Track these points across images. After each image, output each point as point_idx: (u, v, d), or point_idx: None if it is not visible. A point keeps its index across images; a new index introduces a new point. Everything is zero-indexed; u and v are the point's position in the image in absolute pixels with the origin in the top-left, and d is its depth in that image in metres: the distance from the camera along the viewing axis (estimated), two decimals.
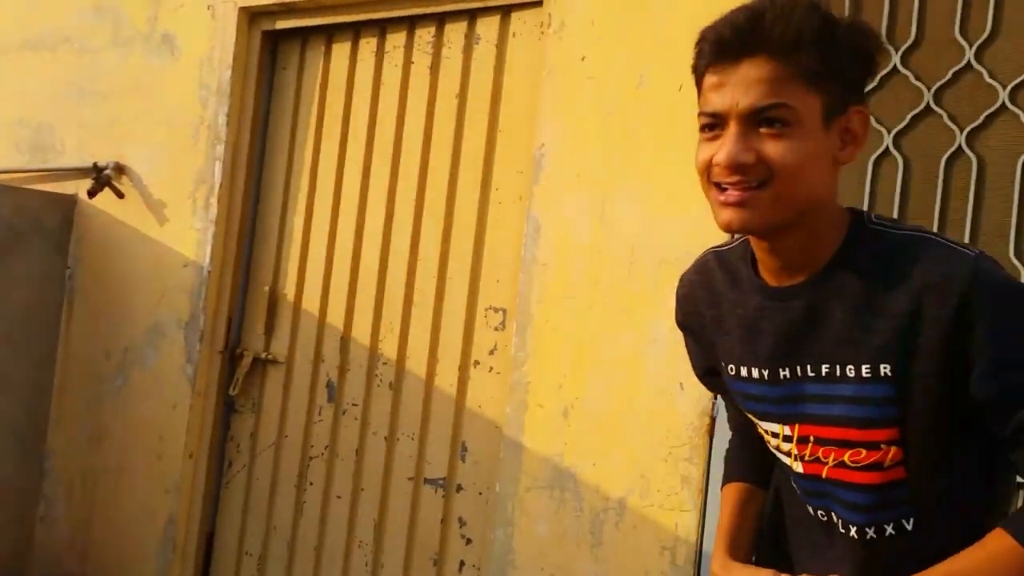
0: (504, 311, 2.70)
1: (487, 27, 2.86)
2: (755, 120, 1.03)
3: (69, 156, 3.62)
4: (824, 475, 1.11)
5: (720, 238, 2.20)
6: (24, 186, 3.61)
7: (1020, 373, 1.02)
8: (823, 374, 1.09)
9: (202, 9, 3.35)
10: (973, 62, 1.93)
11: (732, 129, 1.04)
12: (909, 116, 1.99)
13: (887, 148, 2.02)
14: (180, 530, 3.24)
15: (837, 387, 1.08)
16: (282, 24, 3.27)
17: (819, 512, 1.17)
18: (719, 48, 1.05)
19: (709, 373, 1.32)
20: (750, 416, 1.23)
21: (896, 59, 2.02)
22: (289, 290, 3.25)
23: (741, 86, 1.03)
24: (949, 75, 1.95)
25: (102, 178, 3.40)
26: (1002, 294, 1.02)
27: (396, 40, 3.09)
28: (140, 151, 3.45)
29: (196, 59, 3.35)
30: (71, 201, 3.57)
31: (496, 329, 2.71)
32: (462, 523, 2.71)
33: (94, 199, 3.44)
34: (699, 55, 1.10)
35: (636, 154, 2.40)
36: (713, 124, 1.07)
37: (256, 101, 3.34)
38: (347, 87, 3.19)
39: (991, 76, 1.90)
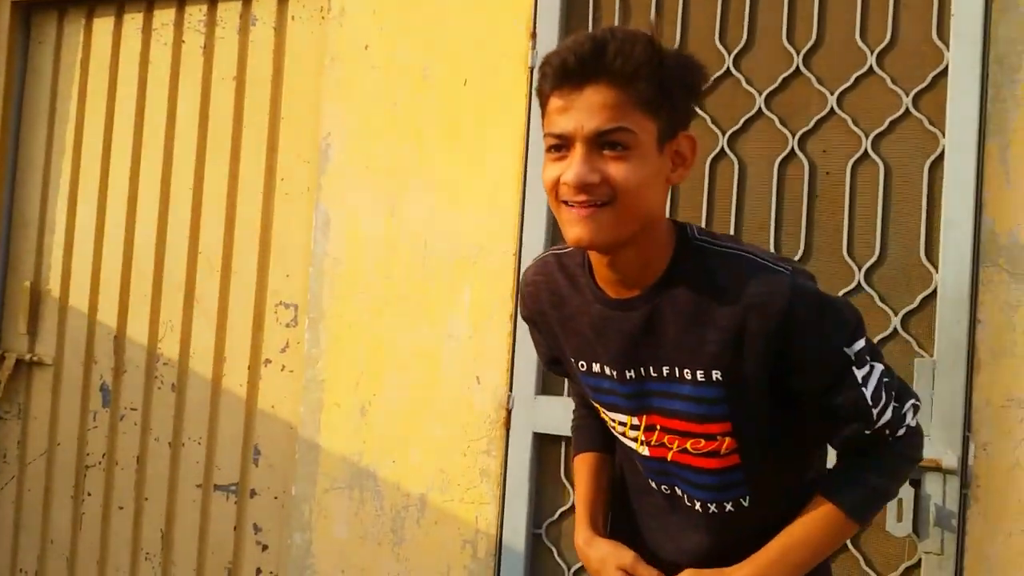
0: (295, 307, 2.62)
1: (264, 8, 2.72)
2: (599, 143, 1.10)
3: None
4: (669, 458, 1.26)
5: (511, 233, 2.26)
6: None
7: (832, 373, 1.18)
8: (664, 375, 1.21)
9: None
10: (732, 69, 2.06)
11: (578, 150, 1.10)
12: None
13: None
14: None
15: (676, 386, 1.21)
16: None
17: (663, 487, 1.31)
18: (564, 73, 1.11)
19: (554, 362, 1.42)
20: (597, 405, 1.33)
21: None
22: (53, 285, 2.99)
23: (585, 110, 1.09)
24: (711, 81, 2.08)
25: None
26: (814, 307, 1.16)
27: (164, 17, 2.88)
28: None
29: None
30: None
31: (288, 326, 2.63)
32: (257, 529, 2.63)
33: None
34: (543, 78, 1.14)
35: (424, 147, 2.39)
36: (560, 145, 1.13)
37: (8, 78, 3.02)
38: (111, 66, 2.95)
39: (748, 83, 2.04)
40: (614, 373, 1.25)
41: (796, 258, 1.97)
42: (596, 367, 1.27)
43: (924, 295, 1.85)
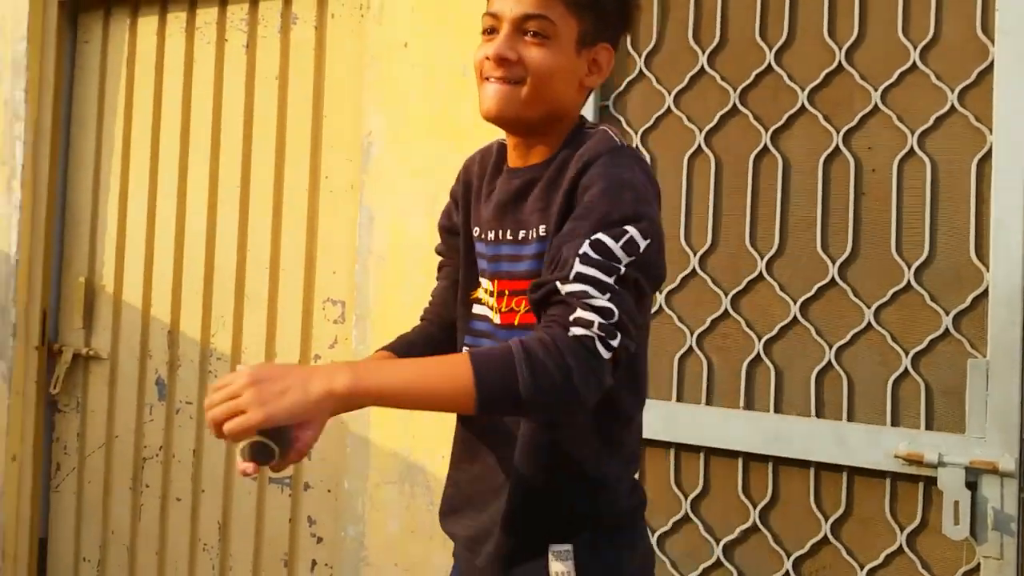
0: (343, 303, 2.66)
1: (304, 7, 2.74)
2: (522, 28, 1.24)
3: None
4: (516, 323, 1.29)
5: None
6: None
7: (583, 220, 1.16)
8: (518, 238, 1.29)
9: None
10: (773, 65, 2.03)
11: (504, 31, 1.25)
12: (718, 116, 2.09)
13: (699, 146, 2.11)
14: (9, 536, 3.07)
15: (524, 247, 1.28)
16: None
17: None
18: None
19: (449, 231, 1.48)
20: (479, 276, 1.36)
21: (703, 60, 2.10)
22: (107, 281, 3.08)
23: None
24: (752, 77, 2.06)
25: None
26: (611, 170, 1.19)
27: (207, 16, 2.91)
28: None
29: None
30: None
31: (335, 322, 2.68)
32: (311, 522, 2.70)
33: None
34: None
35: (465, 145, 2.37)
36: (492, 29, 1.27)
37: (57, 76, 3.09)
38: (156, 64, 3.00)
39: (790, 79, 2.02)
40: (483, 235, 1.35)
41: (843, 256, 1.95)
42: (479, 232, 1.36)
43: (975, 294, 1.83)
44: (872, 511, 1.92)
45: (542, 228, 1.24)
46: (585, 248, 1.12)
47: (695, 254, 2.10)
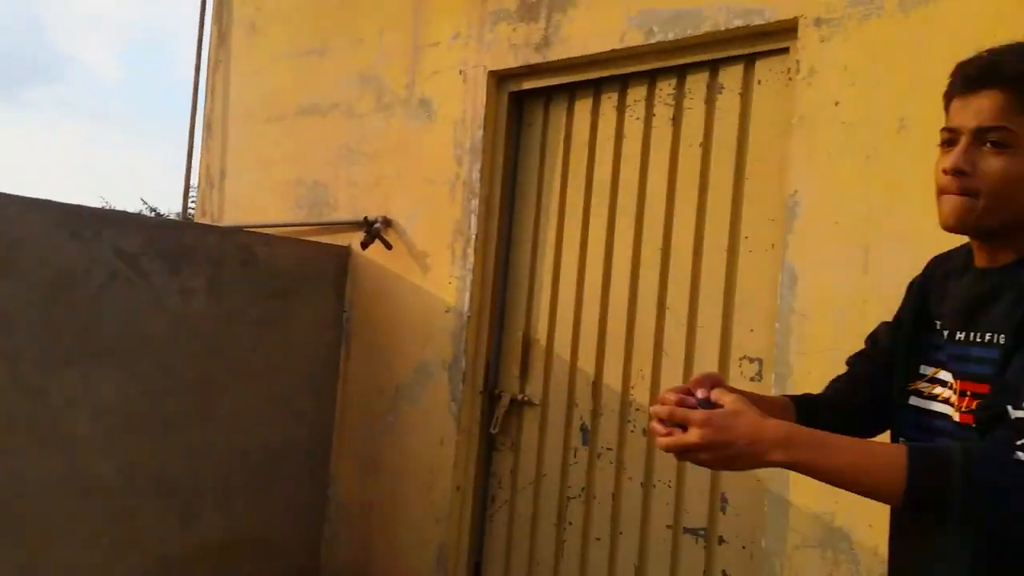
0: (760, 361, 2.69)
1: (730, 76, 2.87)
2: (981, 139, 1.25)
3: (342, 211, 4.01)
4: (975, 424, 1.23)
5: None
6: (304, 238, 4.02)
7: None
8: (986, 341, 1.27)
9: (454, 74, 3.61)
10: None
11: (961, 143, 1.27)
12: None
13: None
14: (451, 556, 3.49)
15: (990, 351, 1.25)
16: (528, 85, 3.45)
17: None
18: (965, 81, 1.30)
19: (896, 326, 1.51)
20: (928, 367, 1.39)
21: None
22: (541, 335, 3.41)
23: (974, 109, 1.27)
24: None
25: (373, 231, 3.75)
26: None
27: (637, 94, 3.17)
28: (404, 206, 3.76)
29: (450, 120, 3.60)
30: (346, 251, 3.95)
31: (752, 379, 2.71)
32: (725, 575, 2.72)
33: (366, 250, 3.79)
34: (950, 86, 1.34)
35: (900, 201, 2.32)
36: (951, 140, 1.30)
37: (505, 157, 3.54)
38: (589, 139, 3.31)
39: None
40: (948, 333, 1.34)
41: None
42: (944, 329, 1.35)
43: None
44: None
45: (1002, 336, 1.24)
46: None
47: None
